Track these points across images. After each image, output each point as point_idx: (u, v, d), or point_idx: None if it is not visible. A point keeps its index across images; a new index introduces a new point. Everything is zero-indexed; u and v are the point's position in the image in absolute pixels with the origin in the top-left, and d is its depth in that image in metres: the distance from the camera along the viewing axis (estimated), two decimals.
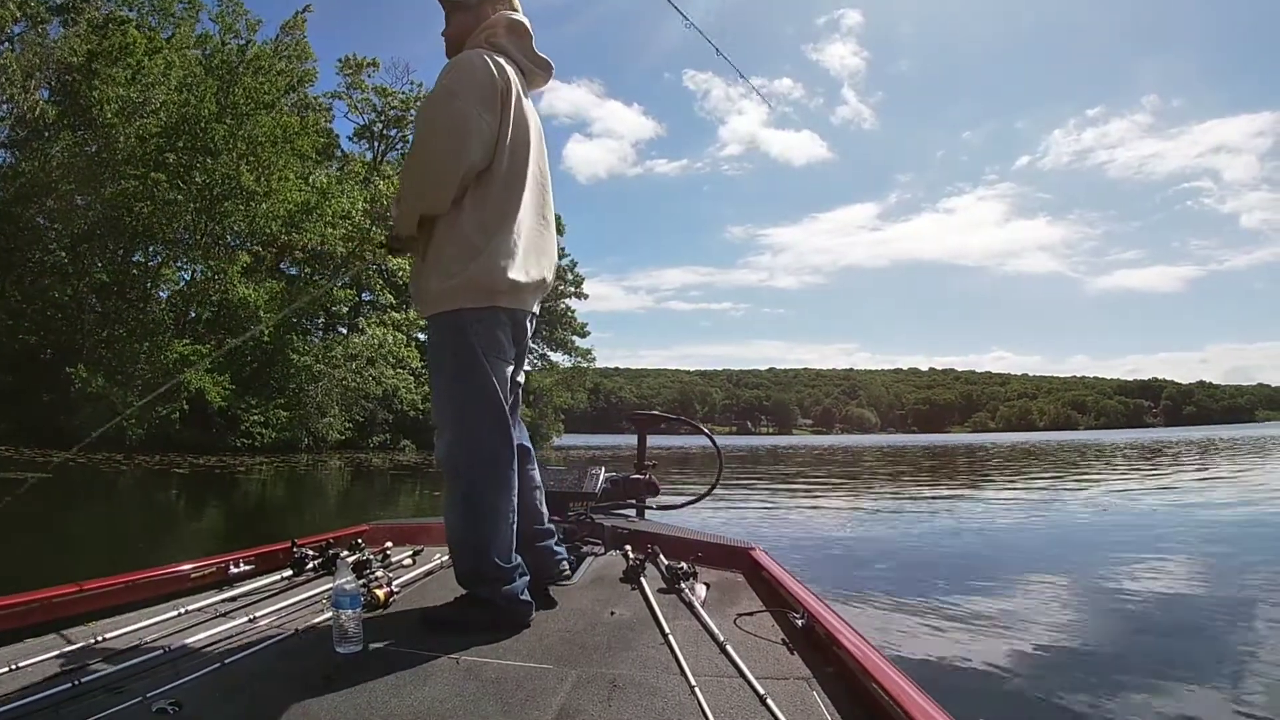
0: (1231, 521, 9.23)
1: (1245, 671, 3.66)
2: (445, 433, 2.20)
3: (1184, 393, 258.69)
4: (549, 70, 2.40)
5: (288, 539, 2.84)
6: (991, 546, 7.86)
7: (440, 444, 2.21)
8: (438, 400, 2.25)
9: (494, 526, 2.15)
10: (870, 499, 13.74)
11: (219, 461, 20.36)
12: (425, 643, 1.98)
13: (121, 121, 23.28)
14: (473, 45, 2.25)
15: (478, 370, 2.15)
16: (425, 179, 2.12)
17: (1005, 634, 4.34)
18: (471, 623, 2.12)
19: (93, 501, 11.64)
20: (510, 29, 2.29)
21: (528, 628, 2.16)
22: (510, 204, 2.19)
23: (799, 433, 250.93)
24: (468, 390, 2.16)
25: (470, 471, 2.16)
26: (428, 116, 2.18)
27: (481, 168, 2.14)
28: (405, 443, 32.12)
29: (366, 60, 39.45)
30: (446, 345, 2.19)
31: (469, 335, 2.14)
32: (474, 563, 2.16)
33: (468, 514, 2.17)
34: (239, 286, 25.26)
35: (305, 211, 27.20)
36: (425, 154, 2.12)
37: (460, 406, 2.18)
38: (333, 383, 27.91)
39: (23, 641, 1.92)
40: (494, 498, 2.16)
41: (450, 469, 2.19)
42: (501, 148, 2.16)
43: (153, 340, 23.96)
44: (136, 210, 23.53)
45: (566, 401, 46.15)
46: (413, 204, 2.16)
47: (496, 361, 2.19)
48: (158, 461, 19.14)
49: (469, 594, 2.21)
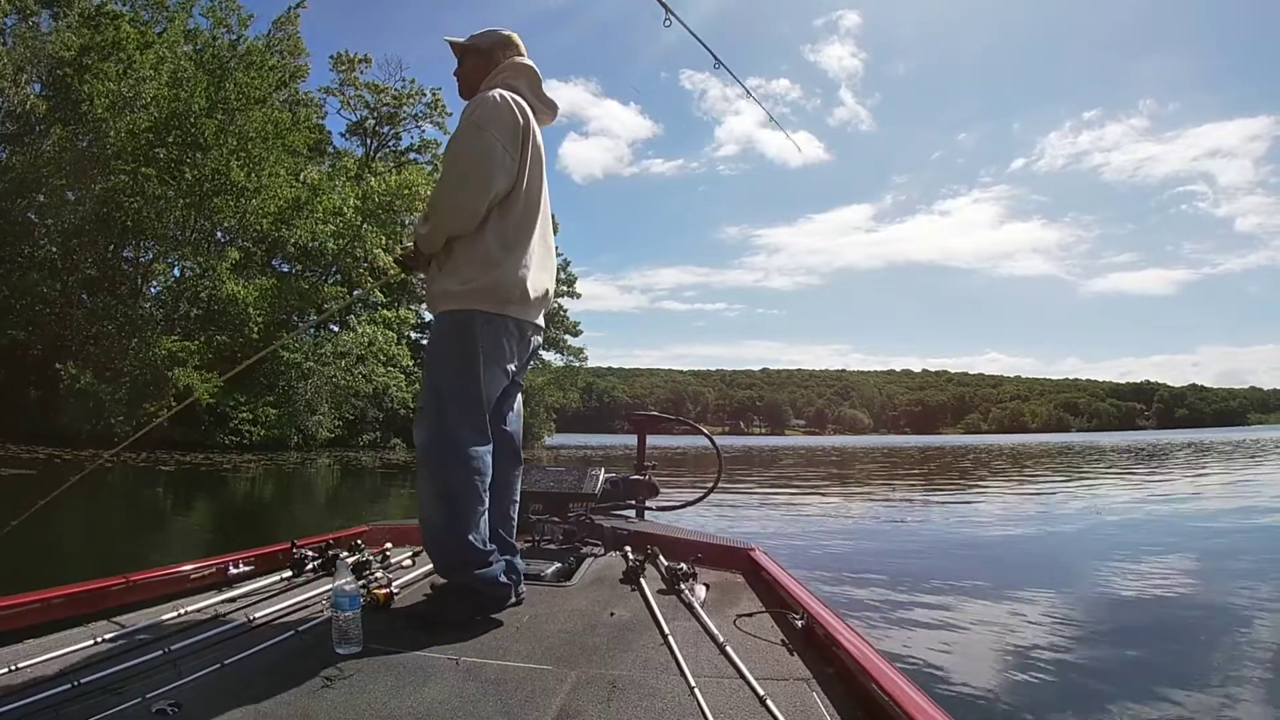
0: (1226, 525, 9.27)
1: (1244, 672, 3.68)
2: (426, 421, 2.31)
3: (1176, 395, 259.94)
4: (555, 111, 2.62)
5: (276, 539, 2.85)
6: (990, 548, 7.88)
7: (420, 431, 2.32)
8: (429, 390, 2.36)
9: (467, 512, 2.24)
10: (869, 500, 13.74)
11: (206, 459, 20.16)
12: (425, 643, 1.99)
13: (112, 116, 23.12)
14: (489, 86, 2.45)
15: (474, 368, 2.28)
16: (456, 204, 2.29)
17: (1004, 634, 4.36)
18: (452, 612, 2.20)
19: (74, 499, 11.49)
20: (522, 73, 2.52)
21: (516, 604, 2.28)
22: (527, 225, 2.39)
23: (791, 433, 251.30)
24: (459, 384, 2.29)
25: (445, 458, 2.26)
26: (459, 150, 2.33)
27: (504, 195, 2.33)
28: (396, 441, 31.90)
29: (359, 56, 39.31)
30: (451, 340, 2.31)
31: (475, 335, 2.28)
32: (448, 547, 2.26)
33: (440, 499, 2.26)
34: (228, 283, 25.12)
35: (296, 208, 27.11)
36: (456, 181, 2.30)
37: (448, 398, 2.29)
38: (322, 380, 27.75)
39: (23, 642, 1.92)
40: (466, 486, 2.24)
41: (426, 457, 2.29)
42: (521, 176, 2.36)
43: (141, 336, 23.80)
44: (126, 205, 23.39)
45: (559, 401, 46.03)
46: (443, 226, 2.33)
47: (494, 365, 2.33)
48: (144, 459, 18.93)
49: (447, 584, 2.30)
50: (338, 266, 30.71)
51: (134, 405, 22.74)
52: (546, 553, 3.12)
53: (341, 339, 29.25)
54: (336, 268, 30.89)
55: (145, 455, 19.70)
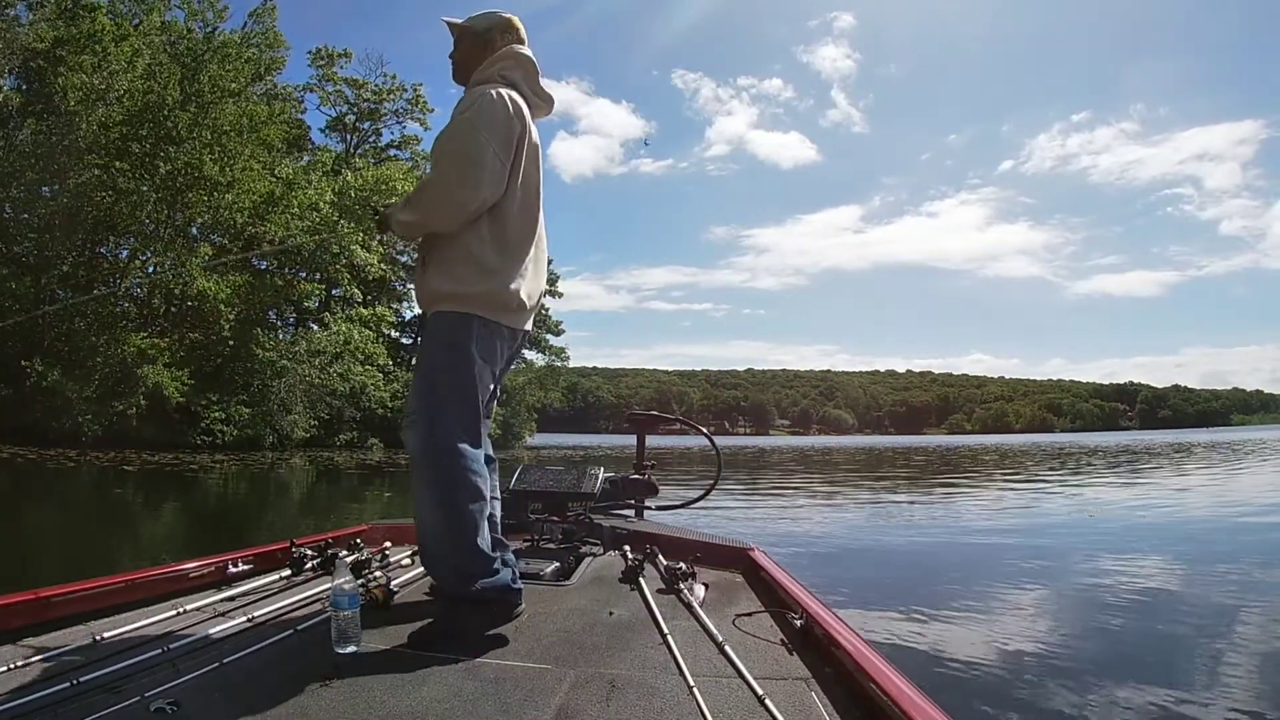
0: (1221, 526, 9.35)
1: (1244, 671, 3.70)
2: (420, 426, 2.20)
3: (1159, 396, 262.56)
4: (551, 104, 2.54)
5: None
6: (988, 547, 7.89)
7: (414, 436, 2.20)
8: (424, 393, 2.25)
9: (471, 519, 2.16)
10: (867, 499, 13.77)
11: (174, 459, 19.67)
12: (424, 643, 2.00)
13: (85, 109, 22.68)
14: (484, 76, 2.38)
15: (469, 372, 2.22)
16: (439, 204, 2.22)
17: (1003, 634, 4.38)
18: (472, 630, 2.11)
19: (19, 501, 11.11)
20: (520, 64, 2.42)
21: (523, 615, 2.22)
22: (526, 230, 2.34)
23: (776, 433, 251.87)
24: (457, 388, 2.22)
25: (445, 465, 2.17)
26: (449, 148, 2.25)
27: (492, 201, 2.23)
28: (373, 441, 31.55)
29: (339, 51, 38.91)
30: (446, 342, 2.25)
31: (472, 340, 2.23)
32: (453, 558, 2.17)
33: (440, 507, 2.17)
34: (200, 279, 24.69)
35: (270, 203, 26.71)
36: (442, 180, 2.22)
37: (445, 403, 2.21)
38: (297, 379, 27.31)
39: (22, 641, 1.91)
40: (469, 492, 2.17)
41: (424, 464, 2.19)
42: (514, 181, 2.28)
43: (110, 334, 23.32)
44: (98, 200, 22.96)
45: (540, 400, 45.80)
46: (422, 221, 2.29)
47: (486, 370, 2.28)
48: (110, 458, 18.51)
49: (459, 597, 2.18)
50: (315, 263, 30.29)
51: (103, 403, 22.33)
52: (545, 552, 3.11)
53: (315, 336, 28.87)
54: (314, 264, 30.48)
55: (113, 455, 19.32)
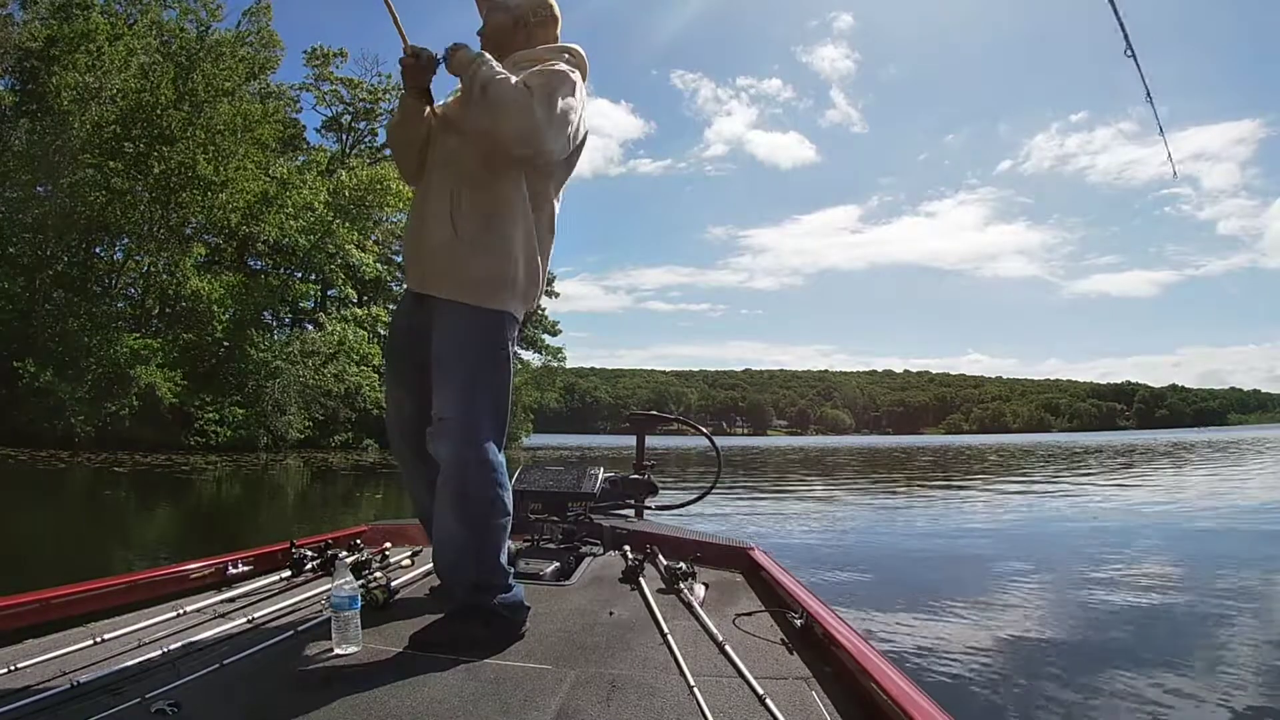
0: (1221, 526, 9.33)
1: (1244, 671, 3.70)
2: (455, 433, 2.04)
3: (1156, 396, 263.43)
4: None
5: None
6: (989, 547, 7.87)
7: (447, 446, 2.04)
8: (459, 397, 2.05)
9: (499, 532, 2.09)
10: (867, 499, 13.74)
11: (166, 460, 19.52)
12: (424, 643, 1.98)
13: (78, 108, 22.56)
14: (530, 59, 2.16)
15: (509, 380, 2.13)
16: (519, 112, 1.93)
17: (1004, 634, 4.37)
18: (480, 641, 1.98)
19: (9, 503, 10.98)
20: (581, 65, 2.21)
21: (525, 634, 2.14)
22: (553, 221, 2.22)
23: (773, 433, 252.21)
24: (496, 396, 2.10)
25: (480, 475, 2.05)
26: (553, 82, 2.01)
27: (550, 159, 2.08)
28: (369, 442, 31.41)
29: (334, 51, 38.75)
30: (489, 342, 2.10)
31: (508, 339, 2.13)
32: (476, 571, 2.05)
33: (473, 520, 2.05)
34: (193, 279, 24.56)
35: (265, 202, 26.58)
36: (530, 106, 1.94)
37: (484, 410, 2.08)
38: (290, 379, 27.19)
39: (22, 642, 1.90)
40: (501, 503, 2.09)
41: (456, 475, 2.04)
42: (568, 169, 2.19)
43: (102, 334, 23.21)
44: (92, 200, 22.83)
45: (537, 401, 45.68)
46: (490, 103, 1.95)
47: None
48: (102, 459, 18.38)
49: (467, 605, 2.05)
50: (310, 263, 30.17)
51: (95, 405, 22.21)
52: (545, 552, 3.09)
53: (309, 337, 28.74)
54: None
55: (105, 456, 19.19)
